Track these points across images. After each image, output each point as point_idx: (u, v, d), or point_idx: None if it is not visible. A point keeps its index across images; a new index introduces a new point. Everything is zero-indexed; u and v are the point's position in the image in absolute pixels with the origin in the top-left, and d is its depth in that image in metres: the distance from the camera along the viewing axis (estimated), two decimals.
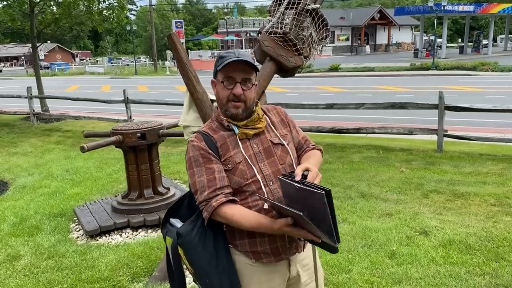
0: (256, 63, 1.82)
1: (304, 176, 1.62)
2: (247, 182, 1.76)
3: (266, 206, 1.73)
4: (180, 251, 1.81)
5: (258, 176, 1.76)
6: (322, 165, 1.98)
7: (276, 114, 1.96)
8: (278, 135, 1.87)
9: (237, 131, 1.80)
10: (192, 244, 1.75)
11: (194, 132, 3.59)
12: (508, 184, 5.59)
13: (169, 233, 1.88)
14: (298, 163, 1.89)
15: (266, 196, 1.74)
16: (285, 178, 1.63)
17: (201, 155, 1.77)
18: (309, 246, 1.91)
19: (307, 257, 1.91)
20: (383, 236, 4.17)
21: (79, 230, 4.76)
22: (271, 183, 1.78)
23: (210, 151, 1.77)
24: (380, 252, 3.86)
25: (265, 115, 1.90)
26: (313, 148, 1.97)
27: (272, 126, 1.89)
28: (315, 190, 1.47)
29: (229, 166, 1.77)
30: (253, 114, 1.82)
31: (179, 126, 3.80)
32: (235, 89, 1.74)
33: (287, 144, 1.86)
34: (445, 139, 7.48)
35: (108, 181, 6.53)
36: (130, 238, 4.51)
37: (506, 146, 7.52)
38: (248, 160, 1.78)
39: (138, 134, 4.62)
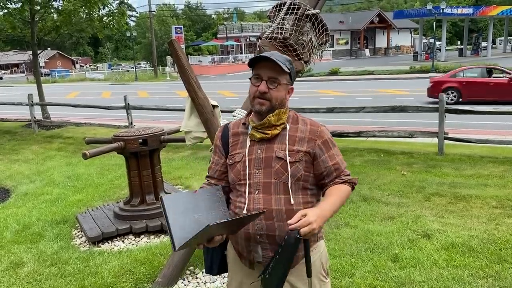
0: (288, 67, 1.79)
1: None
2: (239, 182, 1.82)
3: (245, 211, 1.77)
4: None
5: (247, 181, 1.80)
6: None
7: (307, 130, 1.83)
8: (287, 149, 1.77)
9: (249, 131, 1.85)
10: None
11: (196, 138, 3.61)
12: (509, 186, 5.59)
13: None
14: (323, 192, 1.87)
15: (247, 202, 1.78)
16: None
17: (214, 144, 1.99)
18: (302, 267, 1.79)
19: (302, 280, 1.80)
20: (386, 239, 4.17)
21: (81, 237, 4.76)
22: (256, 192, 1.77)
23: (218, 143, 1.95)
24: (383, 255, 3.86)
25: (290, 125, 1.83)
26: (343, 182, 1.83)
27: (287, 138, 1.79)
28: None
29: (230, 161, 1.87)
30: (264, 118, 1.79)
31: (181, 131, 3.81)
32: (260, 86, 1.76)
33: (290, 162, 1.75)
34: (446, 141, 7.49)
35: (110, 187, 6.54)
36: (132, 244, 4.51)
37: (507, 148, 7.53)
38: (246, 162, 1.81)
39: (140, 140, 4.63)
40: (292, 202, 1.76)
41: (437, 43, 36.21)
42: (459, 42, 56.23)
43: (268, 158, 1.79)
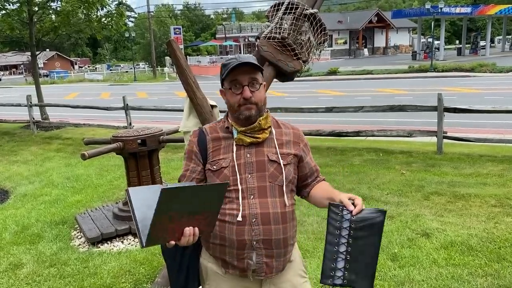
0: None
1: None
2: (228, 188, 1.73)
3: (240, 218, 1.70)
4: None
5: (239, 186, 1.73)
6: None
7: (291, 133, 1.88)
8: (278, 152, 1.79)
9: (235, 135, 1.78)
10: None
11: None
12: (508, 185, 5.60)
13: None
14: (306, 192, 1.91)
15: (242, 208, 1.71)
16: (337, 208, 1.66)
17: (187, 151, 1.87)
18: (290, 271, 1.83)
19: (287, 281, 1.82)
20: (385, 238, 4.17)
21: (80, 238, 4.76)
22: (251, 196, 1.72)
23: (195, 149, 1.83)
24: (382, 255, 3.86)
25: (274, 128, 1.85)
26: (323, 180, 1.95)
27: (276, 142, 1.81)
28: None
29: (215, 167, 1.77)
30: (254, 123, 1.76)
31: (179, 132, 3.81)
32: (244, 93, 1.71)
33: (284, 165, 1.78)
34: (445, 140, 7.49)
35: (109, 188, 6.53)
36: (132, 245, 4.51)
37: (505, 147, 7.53)
38: (236, 167, 1.74)
39: (139, 141, 4.63)
40: (287, 204, 1.77)
41: (436, 42, 36.18)
42: (457, 41, 56.30)
43: (260, 161, 1.76)
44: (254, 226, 1.71)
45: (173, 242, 1.48)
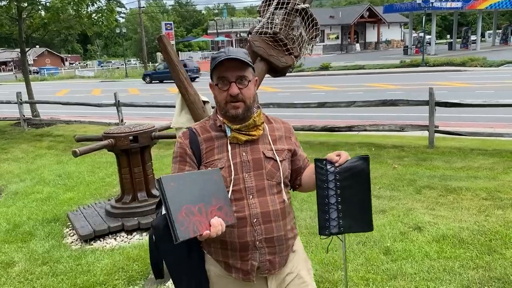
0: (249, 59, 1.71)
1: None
2: (227, 189, 1.67)
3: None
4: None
5: (237, 187, 1.69)
6: None
7: (282, 128, 1.85)
8: (273, 149, 1.75)
9: (229, 133, 1.72)
10: (163, 239, 1.64)
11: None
12: (499, 178, 5.65)
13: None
14: (299, 180, 1.91)
15: (242, 209, 1.67)
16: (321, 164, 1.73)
17: (179, 153, 1.77)
18: (294, 260, 1.83)
19: (290, 273, 1.81)
20: (377, 232, 4.20)
21: (73, 235, 4.73)
22: (250, 196, 1.68)
23: (189, 152, 1.74)
24: (375, 248, 3.89)
25: (266, 124, 1.81)
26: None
27: (270, 138, 1.78)
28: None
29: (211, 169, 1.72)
30: (249, 119, 1.72)
31: (172, 128, 3.80)
32: (231, 89, 1.65)
33: (280, 161, 1.75)
34: (436, 135, 7.54)
35: (101, 185, 6.50)
36: (124, 242, 4.49)
37: (496, 140, 7.59)
38: (232, 167, 1.69)
39: (130, 137, 4.60)
40: (285, 199, 1.75)
41: (427, 37, 36.43)
42: (448, 36, 56.69)
43: (257, 159, 1.72)
44: (256, 227, 1.68)
45: (207, 232, 1.46)
